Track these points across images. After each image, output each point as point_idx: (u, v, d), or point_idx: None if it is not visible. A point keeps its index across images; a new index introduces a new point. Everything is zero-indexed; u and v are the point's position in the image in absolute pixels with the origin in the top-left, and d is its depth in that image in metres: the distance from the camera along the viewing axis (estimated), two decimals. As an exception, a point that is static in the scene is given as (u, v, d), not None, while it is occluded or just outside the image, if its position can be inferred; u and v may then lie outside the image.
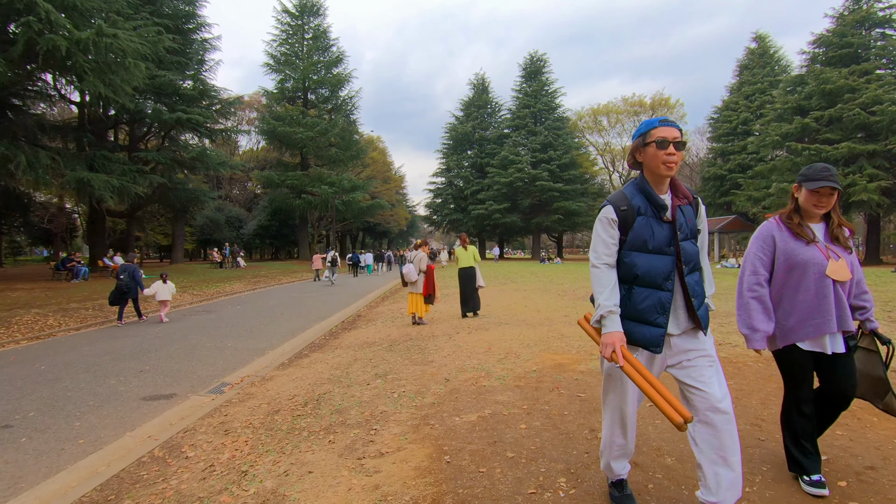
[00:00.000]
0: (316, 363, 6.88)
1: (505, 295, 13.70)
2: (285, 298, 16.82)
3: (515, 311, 10.34)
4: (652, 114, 55.37)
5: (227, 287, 20.91)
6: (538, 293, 13.82)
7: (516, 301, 12.07)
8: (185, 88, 24.81)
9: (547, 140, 50.84)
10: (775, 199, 33.96)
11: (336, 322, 11.32)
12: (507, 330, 7.89)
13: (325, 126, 40.96)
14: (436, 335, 7.94)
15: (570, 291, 13.97)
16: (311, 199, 40.79)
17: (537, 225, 51.81)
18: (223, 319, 11.96)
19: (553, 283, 17.61)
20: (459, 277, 9.90)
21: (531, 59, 55.75)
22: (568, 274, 22.94)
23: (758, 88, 47.27)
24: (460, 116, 60.06)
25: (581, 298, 12.15)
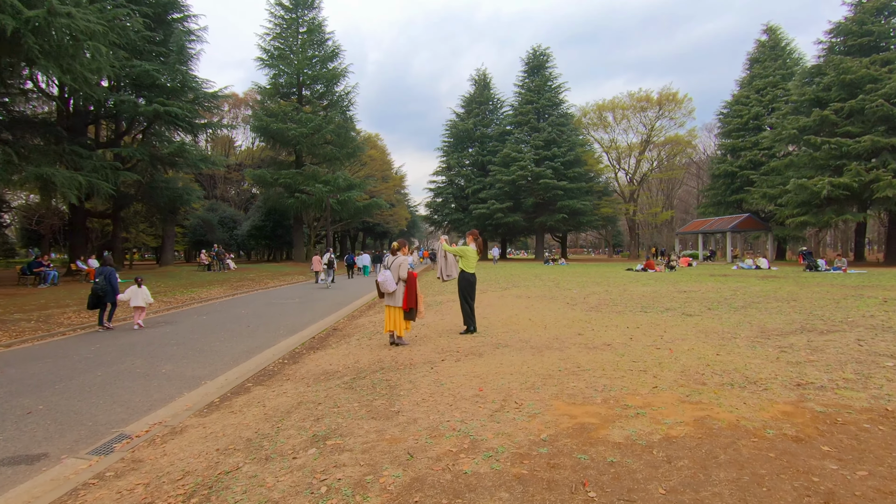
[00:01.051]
0: (250, 406, 5.17)
1: (505, 303, 11.96)
2: (262, 306, 15.13)
3: (517, 326, 8.60)
4: (659, 109, 53.56)
5: (205, 293, 19.23)
6: (544, 302, 12.08)
7: (518, 312, 10.32)
8: (164, 80, 23.13)
9: (550, 136, 49.08)
10: (793, 195, 32.12)
11: (306, 337, 9.62)
12: (506, 356, 6.16)
13: (320, 122, 39.30)
14: (414, 363, 6.21)
15: (580, 300, 12.21)
16: (305, 199, 39.14)
17: (541, 224, 50.06)
18: (178, 334, 10.27)
19: (559, 288, 15.86)
20: (460, 287, 8.16)
21: (534, 53, 54.00)
22: (575, 277, 21.19)
23: (770, 82, 45.40)
24: (461, 113, 58.38)
25: (594, 309, 10.41)
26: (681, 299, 11.70)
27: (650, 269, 24.72)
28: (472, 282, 8.10)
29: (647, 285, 16.02)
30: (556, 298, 12.61)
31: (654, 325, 8.05)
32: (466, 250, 8.07)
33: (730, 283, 16.03)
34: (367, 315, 12.24)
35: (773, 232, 39.63)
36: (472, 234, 8.20)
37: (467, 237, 8.24)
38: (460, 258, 8.09)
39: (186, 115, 24.07)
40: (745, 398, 4.19)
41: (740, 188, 45.18)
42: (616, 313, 9.67)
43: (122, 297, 10.94)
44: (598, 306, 10.75)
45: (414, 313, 7.33)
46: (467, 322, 8.11)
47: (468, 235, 8.21)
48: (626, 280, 18.80)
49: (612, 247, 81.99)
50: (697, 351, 6.07)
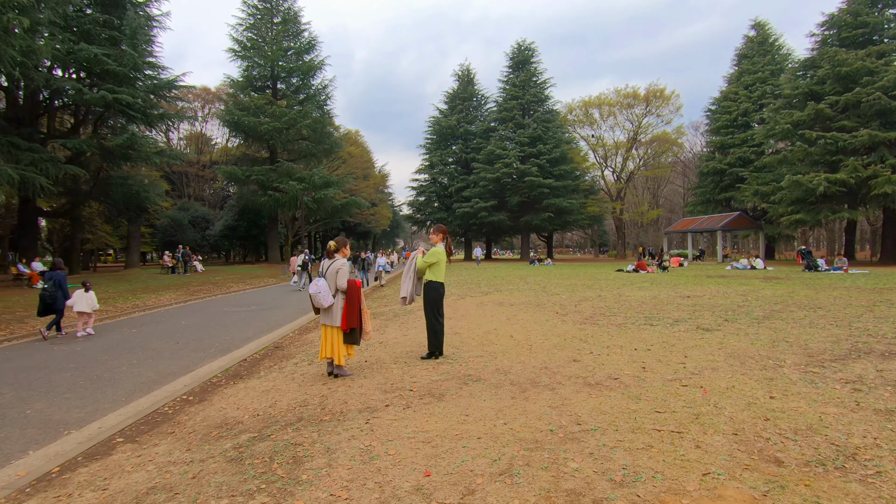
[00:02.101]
0: (85, 489, 3.37)
1: (484, 313, 10.22)
2: (210, 315, 13.23)
3: (496, 346, 6.87)
4: (647, 106, 52.32)
5: (153, 299, 17.24)
6: (529, 311, 10.36)
7: (499, 325, 8.59)
8: (112, 64, 21.03)
9: (536, 133, 47.54)
10: (787, 192, 30.87)
11: (238, 359, 7.79)
12: (475, 400, 4.41)
13: (295, 117, 37.29)
14: (347, 410, 4.43)
15: (571, 309, 10.52)
16: (279, 197, 37.10)
17: (526, 224, 48.50)
18: (86, 353, 8.39)
19: (547, 292, 14.18)
20: (428, 300, 6.37)
21: (519, 48, 52.49)
22: (563, 279, 19.54)
23: (758, 78, 44.38)
24: (444, 110, 56.63)
25: (590, 321, 8.72)
26: (688, 307, 10.07)
27: (642, 269, 23.20)
28: (442, 293, 6.37)
29: (644, 289, 14.41)
30: (543, 306, 10.90)
31: (669, 346, 6.36)
32: (437, 254, 6.31)
33: (734, 287, 14.48)
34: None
35: (765, 231, 38.47)
36: (441, 230, 6.41)
37: (433, 233, 6.49)
38: (430, 267, 6.32)
39: (139, 103, 21.97)
40: (858, 497, 2.51)
41: (729, 186, 44.06)
42: (616, 327, 7.99)
43: (68, 303, 10.23)
44: (594, 317, 9.06)
45: (357, 335, 5.55)
46: (433, 344, 6.34)
47: (435, 232, 6.44)
48: (618, 283, 17.18)
49: (598, 246, 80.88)
50: (741, 390, 4.38)
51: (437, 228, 6.42)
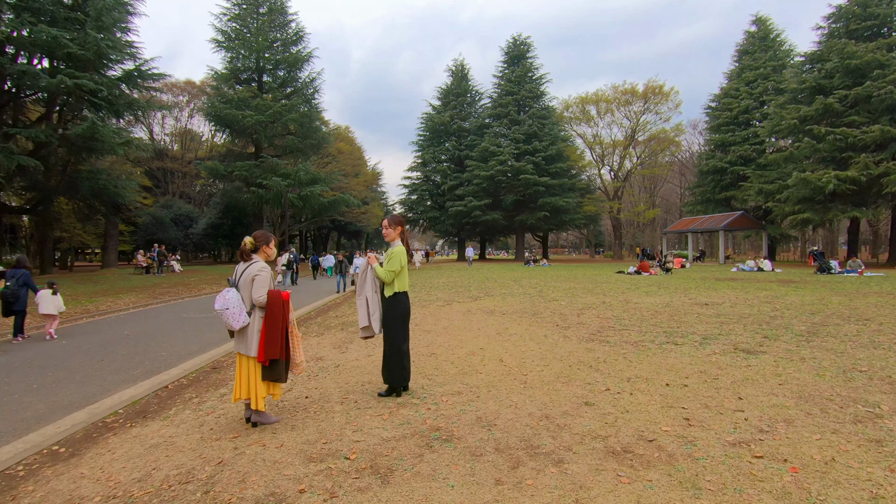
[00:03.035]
0: None
1: (471, 325, 8.64)
2: (163, 323, 11.60)
3: (480, 376, 5.29)
4: (645, 103, 50.89)
5: (111, 302, 15.60)
6: (524, 322, 8.79)
7: (486, 343, 7.01)
8: (73, 48, 19.30)
9: (531, 130, 46.03)
10: (794, 191, 29.46)
11: (158, 385, 6.18)
12: (437, 491, 2.83)
13: (280, 110, 35.59)
14: (239, 500, 2.85)
15: (573, 319, 8.96)
16: (263, 193, 35.39)
17: (521, 223, 46.97)
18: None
19: (544, 297, 12.63)
20: (392, 316, 4.77)
21: (514, 42, 51.02)
22: (560, 282, 18.00)
23: (760, 74, 43.09)
24: (438, 106, 55.07)
25: (598, 337, 7.17)
26: (711, 319, 8.53)
27: (644, 271, 21.69)
28: (408, 308, 4.81)
29: (652, 294, 12.88)
30: (540, 316, 9.33)
31: (711, 379, 4.81)
32: (399, 256, 4.63)
33: (752, 292, 12.97)
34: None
35: (767, 231, 37.11)
36: (397, 221, 4.81)
37: (388, 226, 4.85)
38: (393, 275, 4.67)
39: (101, 89, 20.24)
40: None
41: (730, 185, 42.77)
42: (632, 346, 6.43)
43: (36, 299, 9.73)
44: (602, 331, 7.50)
45: (281, 369, 3.95)
46: (396, 376, 4.71)
47: (391, 225, 4.81)
48: (622, 286, 15.65)
49: (593, 247, 79.51)
50: (846, 465, 2.84)
51: (393, 220, 4.78)
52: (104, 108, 21.49)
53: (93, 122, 19.09)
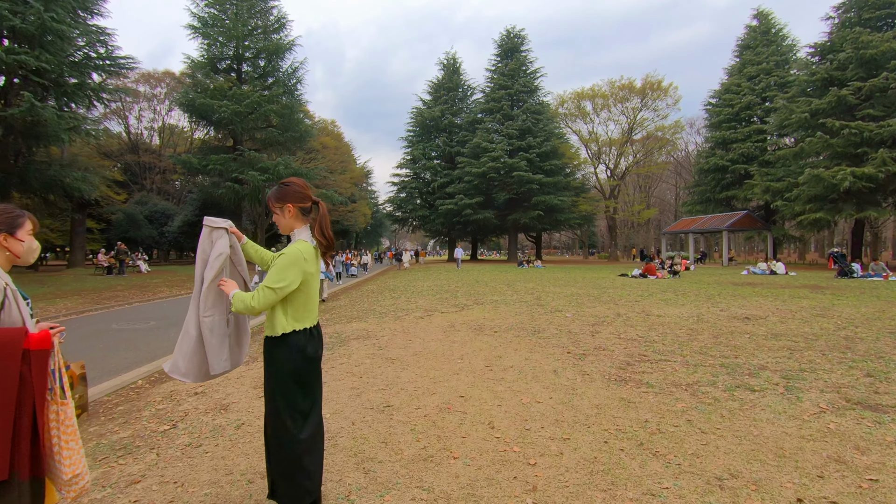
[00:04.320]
0: None
1: (452, 348, 6.51)
2: (83, 336, 9.38)
3: (453, 464, 3.18)
4: (643, 99, 49.06)
5: (39, 309, 13.31)
6: (523, 344, 6.69)
7: (471, 384, 4.87)
8: (14, 20, 17.01)
9: (525, 125, 44.01)
10: (806, 188, 27.59)
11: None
12: None
13: (258, 100, 33.32)
14: None
15: (587, 339, 6.88)
16: (239, 189, 33.11)
17: (514, 222, 44.92)
18: None
19: (543, 306, 10.57)
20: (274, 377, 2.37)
21: (508, 35, 48.94)
22: (559, 286, 15.94)
23: (763, 69, 41.36)
24: (428, 100, 52.89)
25: (631, 374, 5.07)
26: (770, 342, 6.48)
27: (650, 274, 19.70)
28: (314, 356, 2.44)
29: (671, 303, 10.84)
30: (543, 335, 7.24)
31: (864, 484, 2.74)
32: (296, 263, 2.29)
33: (790, 301, 10.98)
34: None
35: (773, 231, 35.36)
36: (290, 195, 2.42)
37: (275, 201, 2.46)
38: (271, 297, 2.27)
39: (45, 68, 17.92)
40: None
41: (731, 184, 41.02)
42: (689, 394, 4.34)
43: None
44: (633, 363, 5.42)
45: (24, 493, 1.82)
46: (289, 489, 2.36)
47: (280, 201, 2.42)
48: (632, 293, 13.60)
49: (587, 247, 77.73)
50: None
51: (282, 194, 2.42)
52: (51, 89, 19.18)
53: (31, 103, 16.79)
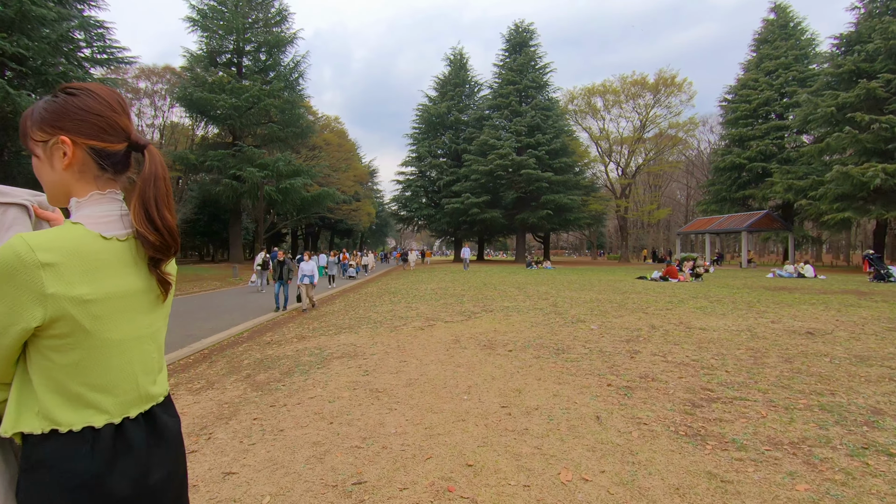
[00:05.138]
0: None
1: (457, 375, 5.14)
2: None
3: None
4: (656, 95, 47.52)
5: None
6: (546, 368, 5.31)
7: (483, 440, 3.51)
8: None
9: (534, 122, 42.59)
10: (833, 186, 26.03)
11: None
12: None
13: (257, 94, 32.13)
14: None
15: (625, 364, 5.50)
16: (237, 186, 31.94)
17: (522, 222, 43.48)
18: None
19: (561, 314, 9.22)
20: None
21: (516, 28, 47.53)
22: (574, 289, 14.54)
23: (781, 63, 39.72)
24: (434, 96, 51.54)
25: (709, 430, 3.71)
26: (860, 367, 5.10)
27: (672, 277, 18.26)
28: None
29: (710, 312, 9.44)
30: (569, 355, 5.87)
31: None
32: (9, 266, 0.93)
33: (844, 311, 9.55)
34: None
35: (794, 232, 33.78)
36: (95, 106, 1.09)
37: (53, 134, 1.07)
38: None
39: (22, 53, 16.74)
40: None
41: (748, 182, 39.46)
42: (805, 464, 2.96)
43: None
44: (702, 405, 4.04)
45: None
46: None
47: (66, 130, 1.06)
48: (659, 299, 12.19)
49: (596, 248, 76.17)
50: None
51: (69, 108, 1.07)
52: (29, 76, 18.03)
53: (6, 90, 15.62)
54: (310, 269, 12.09)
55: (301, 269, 12.13)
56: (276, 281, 12.24)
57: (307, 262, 12.25)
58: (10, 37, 16.89)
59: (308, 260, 12.28)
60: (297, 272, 12.32)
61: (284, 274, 12.19)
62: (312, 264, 12.13)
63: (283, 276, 12.20)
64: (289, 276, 12.22)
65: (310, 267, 12.08)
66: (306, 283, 12.15)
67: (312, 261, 12.28)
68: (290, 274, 12.29)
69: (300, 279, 12.20)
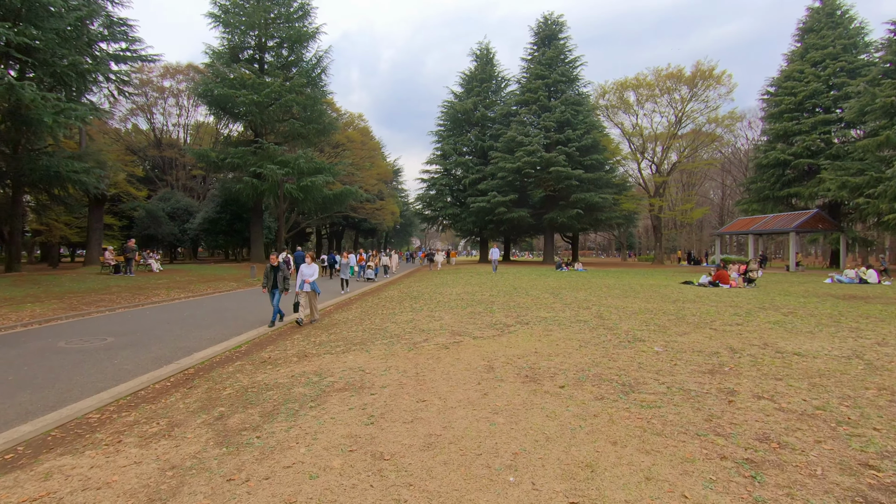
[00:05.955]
0: None
1: (491, 434, 3.77)
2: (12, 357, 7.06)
3: None
4: (692, 89, 45.21)
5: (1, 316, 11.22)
6: (615, 416, 3.90)
7: None
8: None
9: (564, 117, 40.82)
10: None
11: None
12: None
13: (278, 89, 31.23)
14: None
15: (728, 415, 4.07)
16: (258, 184, 31.07)
17: (550, 221, 41.73)
18: None
19: (613, 330, 7.78)
20: None
21: (545, 21, 45.79)
22: (616, 297, 13.00)
23: (829, 53, 37.19)
24: (460, 93, 50.15)
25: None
26: None
27: (723, 282, 16.53)
28: None
29: (794, 330, 7.85)
30: (642, 396, 4.44)
31: None
32: None
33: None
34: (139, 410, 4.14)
35: (847, 233, 31.43)
36: None
37: None
38: None
39: (27, 42, 15.95)
40: None
41: (794, 180, 37.04)
42: None
43: None
44: (883, 499, 2.63)
45: None
46: None
47: None
48: (722, 311, 10.57)
49: (625, 248, 73.80)
50: None
51: None
52: (37, 67, 17.28)
53: (10, 81, 14.82)
54: (311, 274, 10.18)
55: (301, 274, 10.20)
56: (271, 289, 10.18)
57: (308, 265, 10.32)
58: (16, 26, 16.16)
59: (310, 263, 10.42)
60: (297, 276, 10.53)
61: (279, 282, 10.02)
62: (315, 268, 10.32)
63: (276, 283, 10.04)
64: (285, 284, 10.11)
65: (311, 271, 10.20)
66: (307, 291, 10.25)
67: (314, 264, 10.44)
68: (286, 282, 10.16)
69: (299, 286, 10.28)
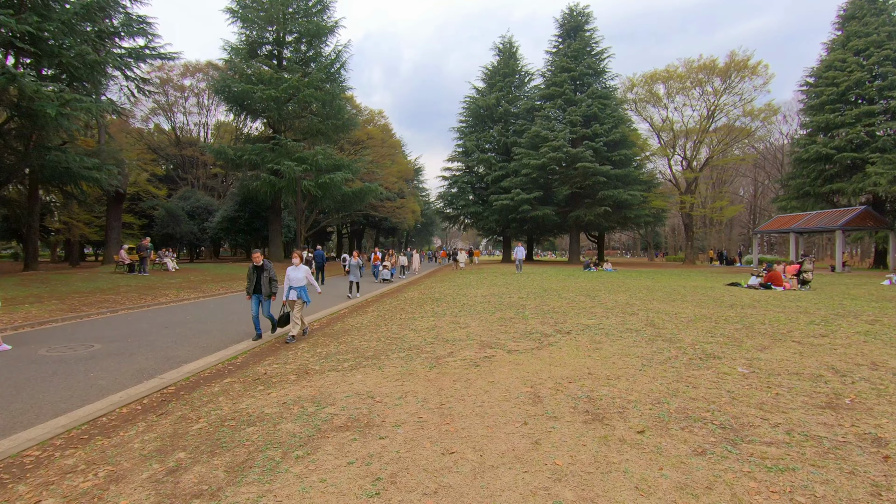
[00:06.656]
0: None
1: None
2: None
3: None
4: (725, 81, 43.15)
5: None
6: (732, 474, 2.74)
7: None
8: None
9: (591, 111, 39.21)
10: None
11: None
12: None
13: (295, 84, 30.38)
14: None
15: (857, 462, 2.89)
16: (275, 181, 30.28)
17: (576, 219, 40.14)
18: None
19: (670, 339, 6.52)
20: None
21: (570, 12, 44.15)
22: (658, 300, 11.65)
23: (873, 41, 34.93)
24: (482, 88, 48.84)
25: None
26: None
27: (776, 284, 15.02)
28: None
29: (890, 343, 6.48)
30: (760, 447, 3.21)
31: None
32: None
33: None
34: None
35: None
36: None
37: None
38: None
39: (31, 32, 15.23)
40: None
41: (836, 175, 34.86)
42: None
43: None
44: None
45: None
46: None
47: None
48: (793, 318, 9.17)
49: (651, 247, 71.65)
50: None
51: None
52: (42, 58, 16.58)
53: (10, 72, 14.10)
54: (298, 279, 8.54)
55: (287, 279, 8.56)
56: (253, 297, 8.63)
57: (296, 267, 8.66)
58: (19, 14, 15.47)
59: (297, 265, 8.71)
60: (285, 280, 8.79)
61: (264, 285, 8.44)
62: (303, 271, 8.66)
63: (261, 286, 8.47)
64: (271, 287, 8.45)
65: (298, 275, 8.56)
66: (292, 300, 8.59)
67: (303, 267, 8.68)
68: (272, 285, 8.47)
69: (286, 293, 8.64)
